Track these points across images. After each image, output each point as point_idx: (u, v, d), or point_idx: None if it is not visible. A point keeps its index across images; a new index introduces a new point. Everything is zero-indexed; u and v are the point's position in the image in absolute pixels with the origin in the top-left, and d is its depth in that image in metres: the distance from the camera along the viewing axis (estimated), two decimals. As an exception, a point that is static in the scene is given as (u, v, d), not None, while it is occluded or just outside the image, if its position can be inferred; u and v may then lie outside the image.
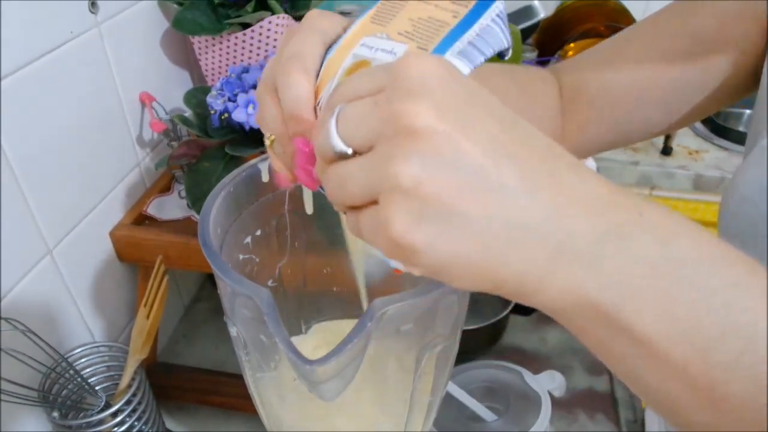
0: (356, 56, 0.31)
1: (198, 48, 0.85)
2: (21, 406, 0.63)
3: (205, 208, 0.43)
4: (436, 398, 0.54)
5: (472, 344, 0.83)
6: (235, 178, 0.47)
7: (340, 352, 0.34)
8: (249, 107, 0.69)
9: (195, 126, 0.75)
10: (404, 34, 0.30)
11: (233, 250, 0.50)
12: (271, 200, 0.51)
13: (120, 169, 0.79)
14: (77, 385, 0.67)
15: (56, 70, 0.65)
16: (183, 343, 0.93)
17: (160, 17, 0.85)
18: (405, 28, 0.30)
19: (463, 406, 0.76)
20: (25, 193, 0.62)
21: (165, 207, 0.81)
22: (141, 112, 0.82)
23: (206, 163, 0.71)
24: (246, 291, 0.36)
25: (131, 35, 0.78)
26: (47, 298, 0.68)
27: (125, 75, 0.77)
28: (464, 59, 0.29)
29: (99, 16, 0.71)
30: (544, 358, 0.86)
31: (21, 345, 0.60)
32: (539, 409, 0.74)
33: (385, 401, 0.54)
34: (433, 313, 0.45)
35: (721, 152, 1.25)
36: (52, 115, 0.66)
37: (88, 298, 0.75)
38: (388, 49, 0.30)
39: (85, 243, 0.73)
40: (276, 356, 0.49)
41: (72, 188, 0.70)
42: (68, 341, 0.72)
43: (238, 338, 0.47)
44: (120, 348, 0.72)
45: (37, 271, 0.65)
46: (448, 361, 0.52)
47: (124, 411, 0.66)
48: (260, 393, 0.52)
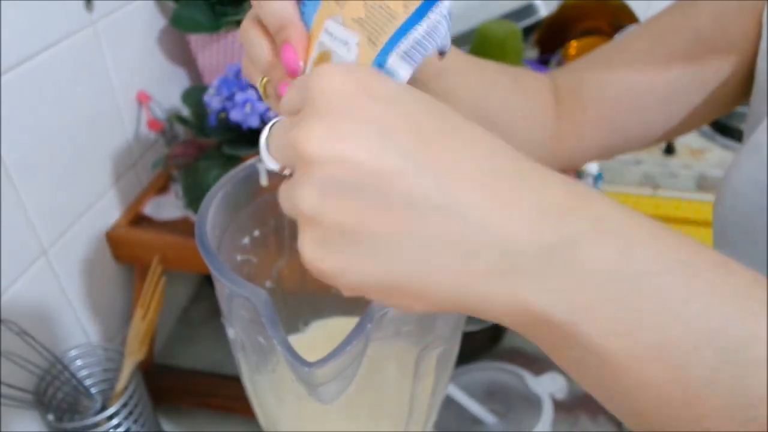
0: (321, 45, 0.32)
1: (195, 46, 0.85)
2: (16, 408, 0.62)
3: (203, 208, 0.43)
4: (436, 400, 0.54)
5: (473, 346, 0.83)
6: (233, 178, 0.46)
7: (339, 353, 0.33)
8: (247, 106, 0.68)
9: (192, 125, 0.75)
10: (357, 21, 0.30)
11: (231, 251, 0.49)
12: (269, 200, 0.51)
13: (116, 169, 0.78)
14: (73, 387, 0.67)
15: (51, 70, 0.64)
16: (180, 344, 0.92)
17: (157, 15, 0.84)
18: (358, 13, 0.30)
19: (464, 409, 0.76)
20: (20, 192, 0.62)
21: (162, 207, 0.80)
22: (137, 111, 0.81)
23: (204, 162, 0.70)
24: (244, 292, 0.36)
25: (127, 34, 0.78)
26: (42, 299, 0.67)
27: (121, 74, 0.77)
28: (408, 60, 0.29)
29: (94, 14, 0.70)
30: (545, 360, 0.85)
31: (16, 347, 0.60)
32: (540, 412, 0.74)
33: (385, 403, 0.53)
34: (433, 315, 0.44)
35: (724, 151, 1.25)
36: (48, 115, 0.65)
37: (84, 300, 0.74)
38: (343, 39, 0.31)
39: (81, 243, 0.72)
40: (274, 358, 0.48)
41: (68, 188, 0.69)
42: (64, 343, 0.71)
43: (235, 340, 0.46)
44: (116, 350, 0.71)
45: (32, 272, 0.65)
46: (448, 363, 0.52)
47: (120, 413, 0.66)
48: (258, 395, 0.51)
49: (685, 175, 1.20)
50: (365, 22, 0.30)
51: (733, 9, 0.47)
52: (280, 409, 0.52)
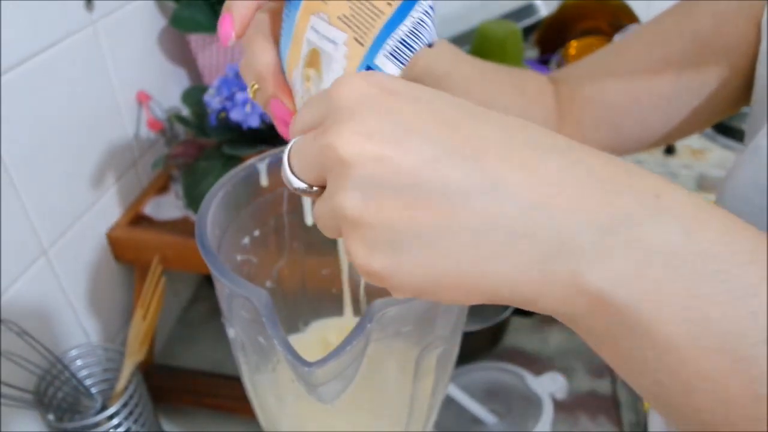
0: (309, 43, 0.32)
1: (195, 46, 0.85)
2: (16, 408, 0.62)
3: (203, 208, 0.43)
4: (436, 400, 0.54)
5: (473, 346, 0.83)
6: (233, 178, 0.46)
7: (339, 353, 0.33)
8: (247, 106, 0.68)
9: (192, 125, 0.75)
10: (342, 19, 0.30)
11: (231, 251, 0.49)
12: (269, 200, 0.51)
13: (116, 169, 0.78)
14: (73, 387, 0.67)
15: (51, 70, 0.64)
16: (180, 344, 0.92)
17: (157, 15, 0.84)
18: (343, 10, 0.30)
19: (464, 409, 0.76)
20: (20, 192, 0.62)
21: (162, 207, 0.80)
22: (137, 111, 0.81)
23: (204, 162, 0.70)
24: (244, 292, 0.36)
25: (127, 33, 0.78)
26: (43, 299, 0.67)
27: (121, 74, 0.77)
28: (394, 59, 0.29)
29: (94, 14, 0.70)
30: (545, 360, 0.86)
31: (16, 347, 0.60)
32: (541, 412, 0.74)
33: (385, 403, 0.53)
34: (433, 315, 0.44)
35: (725, 152, 1.24)
36: (48, 115, 0.65)
37: (84, 299, 0.74)
38: (330, 37, 0.31)
39: (81, 243, 0.72)
40: (274, 358, 0.48)
41: (68, 188, 0.69)
42: (64, 343, 0.71)
43: (236, 340, 0.46)
44: (116, 350, 0.71)
45: (32, 272, 0.65)
46: (448, 363, 0.52)
47: (121, 413, 0.66)
48: (258, 395, 0.51)
49: (685, 175, 1.20)
50: (350, 20, 0.30)
51: (733, 12, 0.47)
52: (280, 409, 0.52)
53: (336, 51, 0.31)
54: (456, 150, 0.23)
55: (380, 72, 0.26)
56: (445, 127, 0.24)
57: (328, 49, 0.31)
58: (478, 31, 1.02)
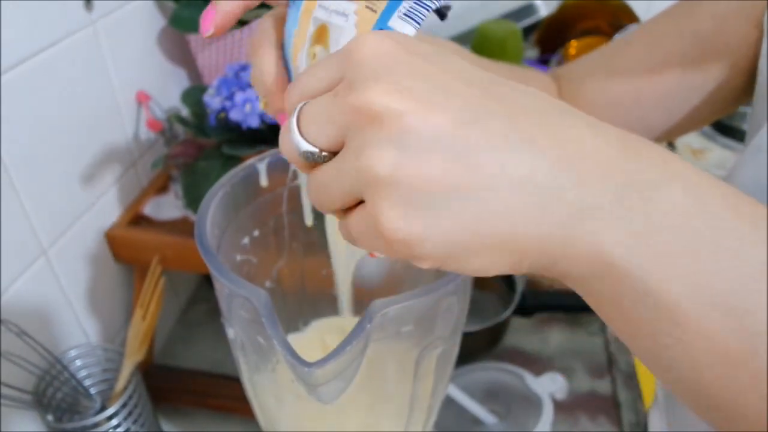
0: (316, 20, 0.31)
1: (195, 46, 0.85)
2: (16, 408, 0.62)
3: (203, 208, 0.43)
4: (436, 401, 0.54)
5: (473, 346, 0.83)
6: (233, 178, 0.47)
7: (338, 354, 0.33)
8: (246, 106, 0.68)
9: (192, 125, 0.75)
10: None
11: (231, 251, 0.49)
12: (268, 201, 0.51)
13: (116, 169, 0.78)
14: (72, 387, 0.67)
15: (51, 69, 0.64)
16: (180, 345, 0.92)
17: (157, 15, 0.84)
18: None
19: (464, 409, 0.75)
20: (20, 192, 0.61)
21: (162, 207, 0.80)
22: (137, 111, 0.81)
23: (203, 162, 0.70)
24: (243, 292, 0.36)
25: (127, 33, 0.78)
26: (42, 299, 0.67)
27: (121, 74, 0.76)
28: (409, 20, 0.29)
29: (94, 14, 0.70)
30: (545, 360, 0.86)
31: (16, 347, 0.60)
32: (540, 412, 0.74)
33: (385, 404, 0.53)
34: (433, 315, 0.44)
35: (725, 151, 1.24)
36: (47, 115, 0.65)
37: (84, 300, 0.74)
38: (340, 10, 0.30)
39: (80, 243, 0.72)
40: (274, 358, 0.48)
41: (67, 188, 0.69)
42: (63, 343, 0.71)
43: (235, 340, 0.46)
44: (116, 350, 0.71)
45: (31, 272, 0.65)
46: (448, 363, 0.52)
47: (120, 414, 0.66)
48: (258, 395, 0.51)
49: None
50: None
51: (733, 12, 0.47)
52: (280, 409, 0.52)
53: (347, 22, 0.30)
54: (489, 109, 0.23)
55: (392, 32, 0.26)
56: (472, 86, 0.24)
57: (339, 22, 0.30)
58: (478, 31, 1.02)
